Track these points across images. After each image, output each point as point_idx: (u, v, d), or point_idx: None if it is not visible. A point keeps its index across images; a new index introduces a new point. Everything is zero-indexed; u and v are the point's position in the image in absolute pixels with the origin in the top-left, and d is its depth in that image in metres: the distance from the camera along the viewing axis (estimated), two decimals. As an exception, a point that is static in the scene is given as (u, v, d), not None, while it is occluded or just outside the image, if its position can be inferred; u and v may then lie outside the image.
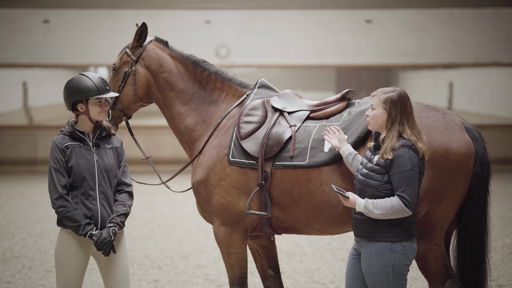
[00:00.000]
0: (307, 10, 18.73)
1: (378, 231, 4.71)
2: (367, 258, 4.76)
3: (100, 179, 5.18)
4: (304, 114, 5.57)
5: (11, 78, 26.30)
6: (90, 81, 5.17)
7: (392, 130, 4.70)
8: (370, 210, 4.65)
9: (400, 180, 4.61)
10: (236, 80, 5.98)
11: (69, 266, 5.13)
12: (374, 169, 4.71)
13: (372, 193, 4.70)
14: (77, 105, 5.21)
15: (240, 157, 5.52)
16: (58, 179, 5.07)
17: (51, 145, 5.14)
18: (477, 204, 5.10)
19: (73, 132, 5.18)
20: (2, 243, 10.26)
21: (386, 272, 4.71)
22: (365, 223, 4.75)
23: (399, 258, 4.71)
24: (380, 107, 4.73)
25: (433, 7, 18.54)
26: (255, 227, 5.61)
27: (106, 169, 5.22)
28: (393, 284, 4.73)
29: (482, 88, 25.48)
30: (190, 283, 8.26)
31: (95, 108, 5.20)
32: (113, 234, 5.09)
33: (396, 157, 4.62)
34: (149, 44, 6.05)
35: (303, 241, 10.44)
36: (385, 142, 4.70)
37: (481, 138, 5.17)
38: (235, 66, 19.15)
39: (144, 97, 6.04)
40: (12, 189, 15.83)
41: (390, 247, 4.70)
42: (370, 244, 4.74)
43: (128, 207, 5.26)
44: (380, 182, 4.69)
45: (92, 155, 5.19)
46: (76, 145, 5.16)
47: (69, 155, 5.12)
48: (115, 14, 18.57)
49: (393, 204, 4.61)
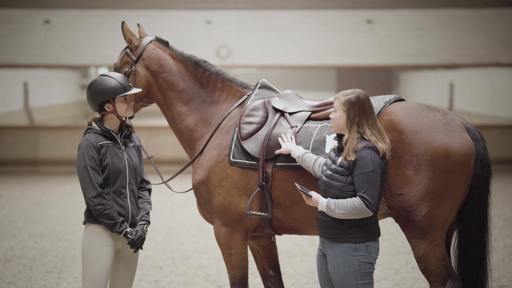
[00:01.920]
0: (308, 10, 18.73)
1: (342, 232, 4.76)
2: (333, 259, 4.80)
3: (130, 178, 5.31)
4: (305, 115, 5.57)
5: (12, 79, 26.31)
6: (114, 80, 5.27)
7: (352, 131, 4.76)
8: (332, 209, 4.70)
9: (361, 181, 4.67)
10: (236, 80, 5.99)
11: (103, 259, 5.22)
12: (337, 170, 4.75)
13: (335, 194, 4.75)
14: (105, 105, 5.29)
15: (241, 158, 5.52)
16: (95, 177, 5.16)
17: (84, 143, 5.19)
18: (477, 205, 5.10)
19: (107, 131, 5.26)
20: (3, 244, 10.27)
21: (353, 272, 4.76)
22: (328, 224, 4.79)
23: (364, 257, 4.77)
24: (340, 109, 4.81)
25: (434, 8, 18.55)
26: (256, 227, 5.61)
27: (134, 167, 5.34)
28: (360, 284, 4.78)
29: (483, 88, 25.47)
30: (191, 283, 8.26)
31: (122, 105, 5.30)
32: (145, 231, 5.26)
33: (358, 159, 4.68)
34: (149, 44, 6.05)
35: (304, 241, 10.44)
36: (347, 144, 4.75)
37: (482, 139, 5.17)
38: (236, 66, 19.16)
39: (144, 97, 6.06)
40: (13, 189, 15.83)
41: (354, 247, 4.76)
42: (335, 245, 4.79)
43: (151, 204, 5.47)
44: (343, 183, 4.73)
45: (122, 154, 5.30)
46: (109, 144, 5.26)
47: (104, 153, 5.21)
48: (116, 14, 18.57)
49: (354, 204, 4.66)
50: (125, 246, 5.33)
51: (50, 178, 17.70)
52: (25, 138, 18.86)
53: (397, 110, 5.15)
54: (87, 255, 5.25)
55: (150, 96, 6.09)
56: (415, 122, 5.08)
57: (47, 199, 14.50)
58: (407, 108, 5.18)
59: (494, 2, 18.49)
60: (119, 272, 5.38)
